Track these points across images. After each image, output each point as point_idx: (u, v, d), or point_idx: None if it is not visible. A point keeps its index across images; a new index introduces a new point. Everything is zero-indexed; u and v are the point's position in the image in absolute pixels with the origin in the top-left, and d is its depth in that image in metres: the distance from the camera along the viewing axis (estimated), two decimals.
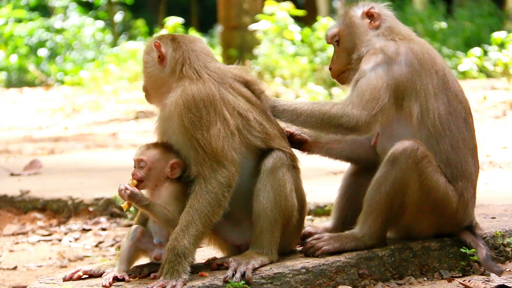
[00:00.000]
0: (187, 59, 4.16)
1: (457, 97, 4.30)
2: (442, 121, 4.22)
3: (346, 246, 4.20)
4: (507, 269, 4.29)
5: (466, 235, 4.33)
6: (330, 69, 4.51)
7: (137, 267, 4.18)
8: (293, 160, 4.23)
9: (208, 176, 3.98)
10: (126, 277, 4.07)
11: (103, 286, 4.02)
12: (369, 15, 4.38)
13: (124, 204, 4.16)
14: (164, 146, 4.15)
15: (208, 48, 4.30)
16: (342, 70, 4.43)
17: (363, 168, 4.46)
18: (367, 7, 4.41)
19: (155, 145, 4.17)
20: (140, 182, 4.12)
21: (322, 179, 7.37)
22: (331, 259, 4.15)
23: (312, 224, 5.99)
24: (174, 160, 4.10)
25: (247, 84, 4.25)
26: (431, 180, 4.15)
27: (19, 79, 26.29)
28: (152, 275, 4.10)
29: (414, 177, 4.12)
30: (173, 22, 16.46)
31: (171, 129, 4.12)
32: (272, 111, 4.25)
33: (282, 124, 4.33)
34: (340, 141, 4.48)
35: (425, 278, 4.25)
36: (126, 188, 4.06)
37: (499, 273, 4.16)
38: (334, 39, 4.44)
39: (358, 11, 4.42)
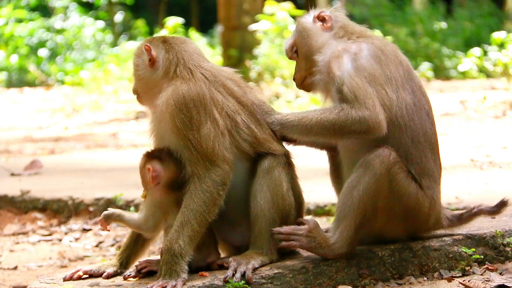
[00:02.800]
0: (181, 59, 4.16)
1: (420, 89, 4.28)
2: (408, 111, 4.18)
3: (315, 251, 4.14)
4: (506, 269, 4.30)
5: None
6: (294, 79, 4.49)
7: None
8: (287, 157, 4.24)
9: (202, 175, 3.98)
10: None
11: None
12: (321, 19, 4.38)
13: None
14: (151, 153, 4.12)
15: (199, 48, 4.30)
16: (304, 76, 4.41)
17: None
18: (318, 11, 4.42)
19: (145, 153, 4.14)
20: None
21: (322, 179, 7.34)
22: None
23: None
24: (149, 165, 4.05)
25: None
26: (402, 187, 4.10)
27: (19, 79, 26.24)
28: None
29: (386, 183, 4.06)
30: (173, 22, 16.46)
31: (163, 130, 4.11)
32: (281, 129, 4.21)
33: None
34: None
35: (425, 278, 4.25)
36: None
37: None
38: (293, 50, 4.44)
39: (309, 17, 4.42)
